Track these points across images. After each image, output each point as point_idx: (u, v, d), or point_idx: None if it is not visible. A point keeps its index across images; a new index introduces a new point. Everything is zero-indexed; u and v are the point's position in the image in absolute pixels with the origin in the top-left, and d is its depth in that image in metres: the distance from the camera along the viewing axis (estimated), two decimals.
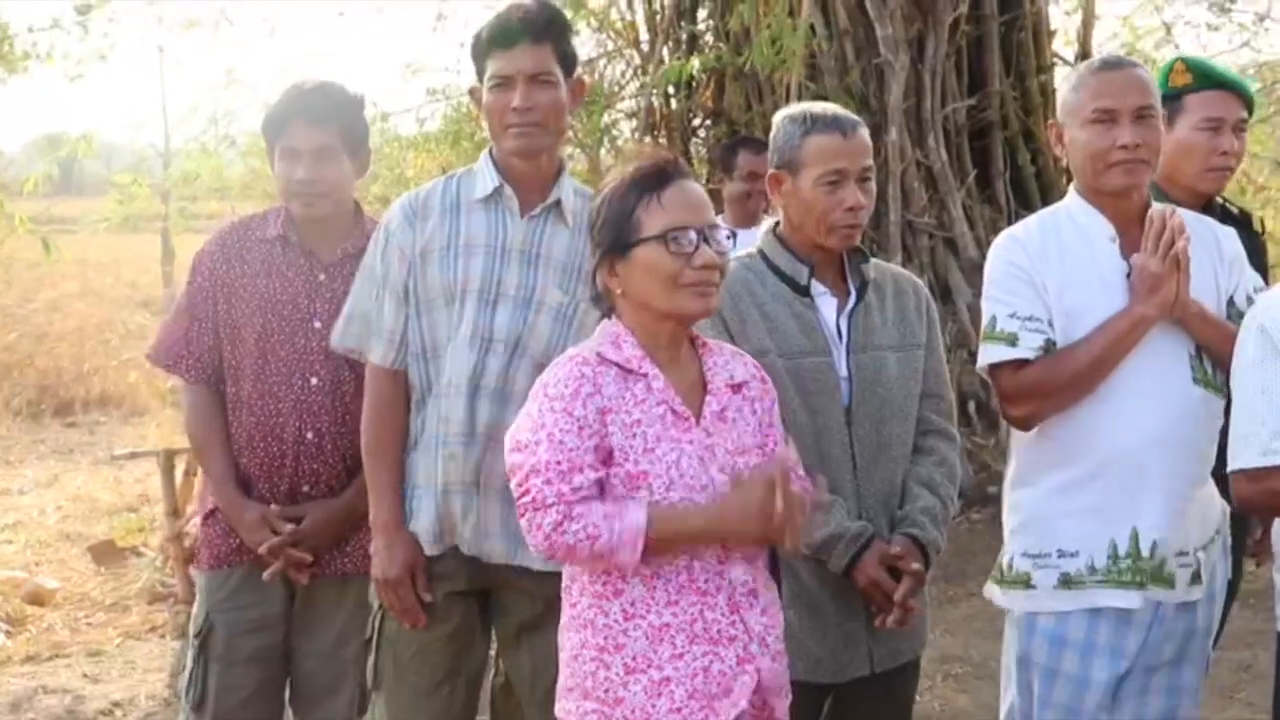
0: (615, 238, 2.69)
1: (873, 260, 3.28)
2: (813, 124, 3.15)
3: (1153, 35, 11.00)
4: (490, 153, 3.32)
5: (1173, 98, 3.72)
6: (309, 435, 3.56)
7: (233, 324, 3.62)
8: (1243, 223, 3.77)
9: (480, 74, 3.27)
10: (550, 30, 3.23)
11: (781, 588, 3.00)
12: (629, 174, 2.72)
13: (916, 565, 3.09)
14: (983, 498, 7.84)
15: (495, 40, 3.21)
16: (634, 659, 2.62)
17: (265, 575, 3.56)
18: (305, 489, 3.58)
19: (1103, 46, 10.45)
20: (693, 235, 2.65)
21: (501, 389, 3.20)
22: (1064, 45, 10.44)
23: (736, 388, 2.79)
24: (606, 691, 2.62)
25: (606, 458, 2.62)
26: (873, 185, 3.19)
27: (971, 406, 8.40)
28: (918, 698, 3.56)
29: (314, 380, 3.55)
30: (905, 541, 3.12)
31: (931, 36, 9.07)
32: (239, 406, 3.62)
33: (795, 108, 3.27)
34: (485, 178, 3.28)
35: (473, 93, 3.33)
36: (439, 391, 3.23)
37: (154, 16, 10.57)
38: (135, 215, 11.17)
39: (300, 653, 3.70)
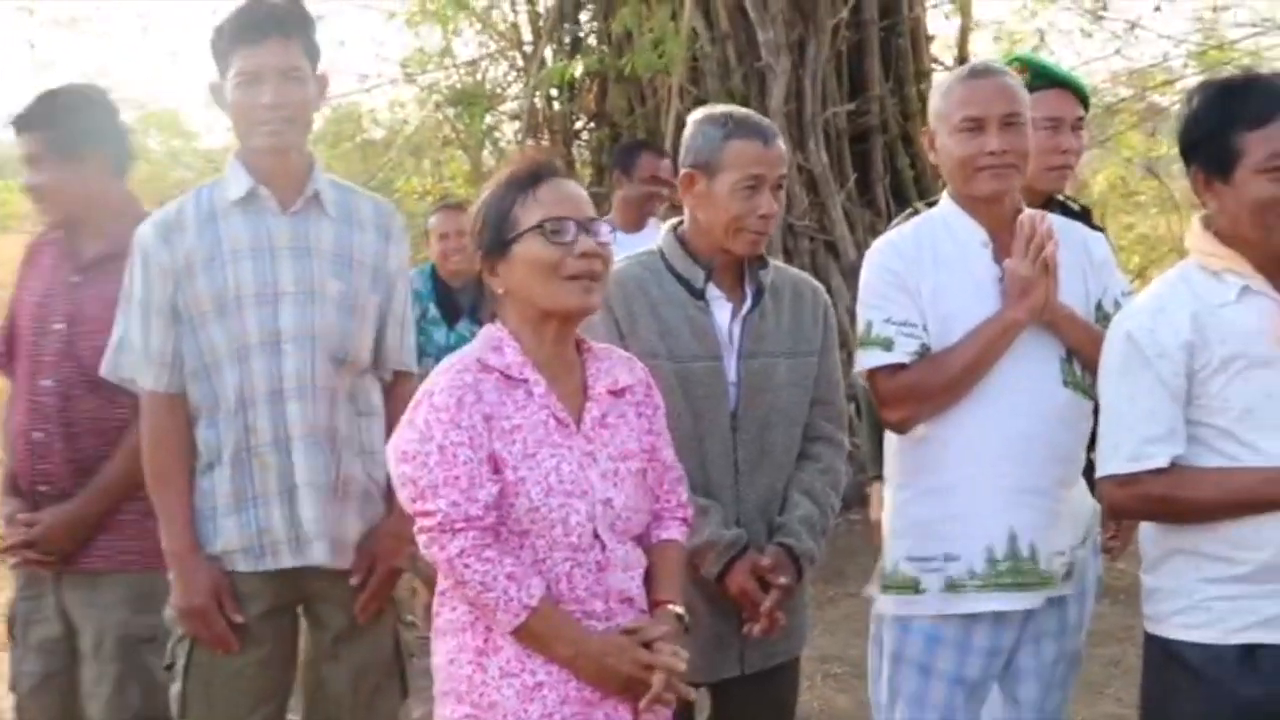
0: (494, 237, 2.67)
1: (773, 264, 3.27)
2: (735, 128, 3.13)
3: (1029, 41, 11.21)
4: (237, 155, 3.25)
5: None
6: (36, 435, 3.53)
7: (14, 320, 3.67)
8: (1083, 217, 3.82)
9: (223, 70, 3.17)
10: (298, 25, 3.18)
11: None
12: (504, 176, 2.72)
13: (785, 579, 3.09)
14: (862, 499, 7.88)
15: (242, 35, 3.13)
16: (508, 662, 2.60)
17: (10, 565, 3.61)
18: (41, 488, 3.55)
19: (980, 53, 10.64)
20: (571, 226, 2.64)
21: (303, 388, 3.14)
22: (943, 51, 10.61)
23: (619, 393, 2.77)
24: (481, 695, 2.61)
25: (496, 466, 2.60)
26: (783, 195, 3.20)
27: (851, 408, 8.45)
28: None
29: (45, 381, 3.51)
30: (778, 552, 3.12)
31: (812, 41, 9.15)
32: (6, 403, 3.68)
33: (714, 109, 3.24)
34: (237, 181, 3.20)
35: (213, 89, 3.21)
36: (236, 404, 3.15)
37: (24, 9, 10.32)
38: (5, 216, 10.92)
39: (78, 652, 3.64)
